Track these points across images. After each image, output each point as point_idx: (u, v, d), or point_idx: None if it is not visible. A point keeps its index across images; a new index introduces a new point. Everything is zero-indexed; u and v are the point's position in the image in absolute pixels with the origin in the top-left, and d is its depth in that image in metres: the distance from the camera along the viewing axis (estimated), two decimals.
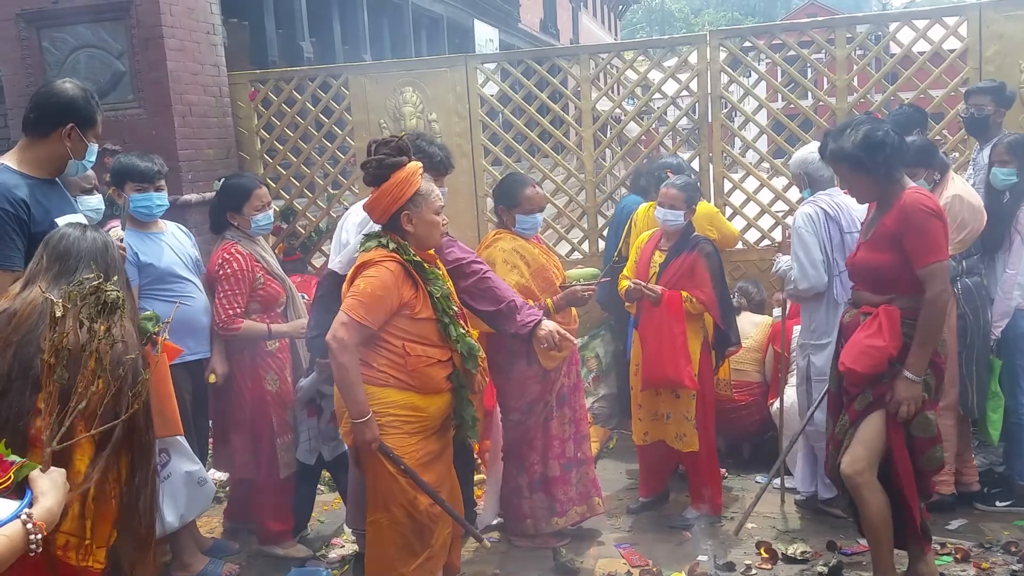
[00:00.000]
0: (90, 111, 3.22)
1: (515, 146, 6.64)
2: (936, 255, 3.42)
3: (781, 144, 6.17)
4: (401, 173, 3.37)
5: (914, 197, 3.49)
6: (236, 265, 4.32)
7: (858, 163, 3.51)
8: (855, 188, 3.67)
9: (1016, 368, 4.51)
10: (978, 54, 5.60)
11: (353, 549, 4.62)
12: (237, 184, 4.50)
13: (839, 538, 4.41)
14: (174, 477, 4.02)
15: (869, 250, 3.62)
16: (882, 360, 3.47)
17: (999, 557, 4.13)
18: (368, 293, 3.30)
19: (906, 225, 3.45)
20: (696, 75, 6.12)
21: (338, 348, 3.27)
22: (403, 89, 6.44)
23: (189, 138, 6.21)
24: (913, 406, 3.45)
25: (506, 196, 4.46)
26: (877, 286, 3.59)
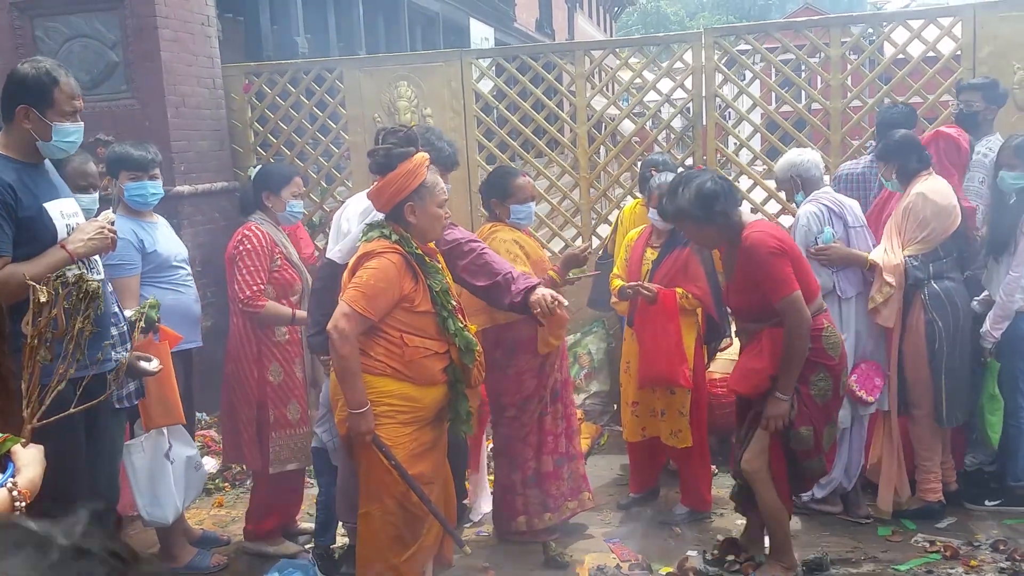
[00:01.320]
0: (43, 91, 3.14)
1: (509, 142, 6.63)
2: (785, 289, 3.66)
3: (775, 143, 6.18)
4: (408, 164, 3.37)
5: (753, 238, 3.73)
6: (256, 241, 4.27)
7: (699, 218, 3.74)
8: (702, 239, 3.93)
9: (1016, 371, 4.48)
10: (972, 55, 5.61)
11: (343, 542, 4.61)
12: (280, 168, 4.63)
13: (825, 535, 4.42)
14: (177, 463, 4.11)
15: (737, 292, 3.91)
16: (763, 380, 3.78)
17: (987, 555, 4.14)
18: (370, 285, 3.29)
19: (753, 267, 3.72)
20: (691, 73, 6.12)
21: (339, 339, 3.26)
22: (398, 83, 6.43)
23: (182, 129, 6.18)
24: (780, 421, 3.74)
25: (498, 189, 4.46)
26: (758, 318, 3.84)
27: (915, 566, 4.08)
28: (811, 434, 3.80)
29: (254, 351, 4.31)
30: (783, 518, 3.97)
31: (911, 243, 4.38)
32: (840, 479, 4.59)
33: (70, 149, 3.30)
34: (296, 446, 4.44)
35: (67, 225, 3.21)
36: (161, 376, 3.76)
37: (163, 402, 3.96)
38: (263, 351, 4.32)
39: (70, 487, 2.51)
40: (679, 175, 3.96)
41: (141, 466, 4.03)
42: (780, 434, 3.81)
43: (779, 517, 3.95)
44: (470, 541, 4.49)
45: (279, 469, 4.44)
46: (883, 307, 4.37)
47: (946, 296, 4.40)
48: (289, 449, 4.42)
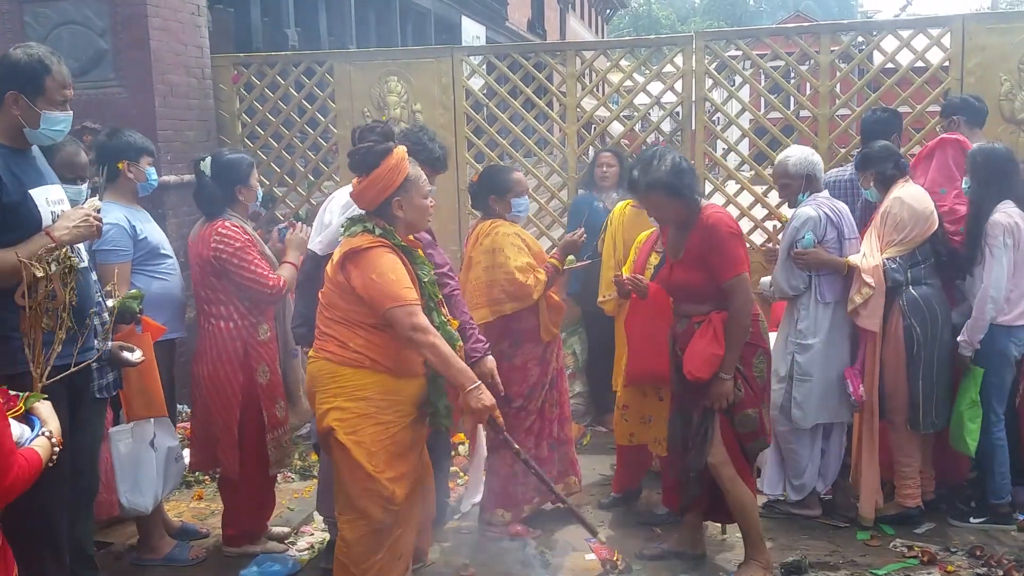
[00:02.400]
0: (34, 78, 3.10)
1: (499, 140, 6.63)
2: (736, 269, 3.79)
3: (763, 148, 6.20)
4: (391, 160, 3.34)
5: (716, 217, 3.85)
6: (240, 237, 4.11)
7: (673, 189, 3.80)
8: (666, 212, 3.94)
9: (990, 385, 4.48)
10: (960, 66, 5.65)
11: (323, 537, 4.60)
12: (239, 158, 4.32)
13: (804, 538, 4.44)
14: (159, 453, 4.10)
15: (685, 270, 3.93)
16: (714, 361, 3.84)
17: (964, 561, 4.17)
18: (393, 280, 3.27)
19: (709, 243, 3.80)
20: (681, 77, 6.14)
21: (422, 335, 3.25)
22: (388, 78, 6.42)
23: (169, 119, 6.15)
24: (725, 400, 3.83)
25: (498, 185, 4.47)
26: (699, 299, 3.93)
27: (893, 570, 4.11)
28: (756, 415, 3.93)
29: (239, 354, 4.17)
30: (755, 513, 4.02)
31: (889, 245, 4.41)
32: (815, 483, 4.62)
33: (57, 137, 3.27)
34: (285, 444, 4.41)
35: (52, 212, 3.17)
36: (143, 368, 3.73)
37: (145, 394, 3.93)
38: (250, 352, 4.19)
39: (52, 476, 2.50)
40: (650, 150, 4.03)
41: (126, 453, 4.01)
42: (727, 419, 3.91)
43: (751, 512, 3.99)
44: (451, 539, 4.50)
45: (278, 470, 4.42)
46: (863, 309, 4.37)
47: (924, 301, 4.41)
48: (281, 448, 4.37)
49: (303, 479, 5.41)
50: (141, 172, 4.25)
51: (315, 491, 4.71)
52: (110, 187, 4.25)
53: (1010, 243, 4.34)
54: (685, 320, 4.01)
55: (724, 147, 6.68)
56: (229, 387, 4.17)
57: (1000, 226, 4.33)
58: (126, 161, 4.22)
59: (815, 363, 4.46)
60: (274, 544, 4.47)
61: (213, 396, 4.19)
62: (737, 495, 3.94)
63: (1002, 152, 4.45)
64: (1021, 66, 5.54)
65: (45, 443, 2.29)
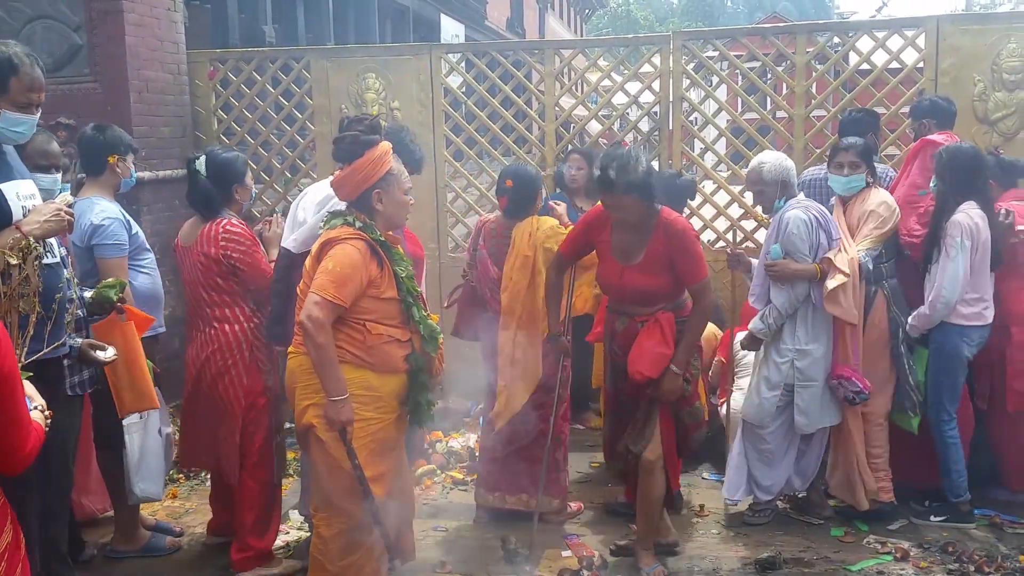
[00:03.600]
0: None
1: (477, 138, 6.62)
2: (703, 271, 3.91)
3: (740, 148, 6.23)
4: (375, 151, 3.36)
5: (679, 220, 3.93)
6: (247, 235, 4.05)
7: (649, 192, 3.79)
8: (633, 214, 3.88)
9: (942, 386, 4.53)
10: (935, 66, 5.70)
11: (298, 535, 4.58)
12: (235, 156, 4.22)
13: (779, 535, 4.47)
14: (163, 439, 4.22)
15: (642, 274, 3.93)
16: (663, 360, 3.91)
17: (937, 557, 4.21)
18: (338, 272, 3.26)
19: (678, 246, 3.86)
20: (658, 76, 6.16)
21: (314, 328, 3.22)
22: (366, 75, 6.39)
23: (144, 115, 6.09)
24: (676, 394, 3.93)
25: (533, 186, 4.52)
26: (650, 302, 3.97)
27: (866, 566, 4.14)
28: (701, 408, 4.13)
29: (245, 358, 4.04)
30: (660, 508, 4.17)
31: (864, 238, 4.44)
32: (782, 484, 4.64)
33: (17, 139, 3.23)
34: (285, 448, 4.39)
35: (23, 207, 3.14)
36: (131, 361, 3.66)
37: (135, 388, 3.81)
38: (256, 354, 4.07)
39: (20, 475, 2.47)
40: (619, 149, 3.98)
41: (138, 444, 4.08)
42: (673, 413, 4.02)
43: (658, 507, 4.15)
44: (428, 537, 4.49)
45: (282, 474, 4.34)
46: (843, 302, 4.32)
47: (903, 293, 4.55)
48: (282, 452, 4.32)
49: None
50: (127, 168, 4.26)
51: (291, 489, 4.69)
52: (93, 180, 4.25)
53: (968, 245, 4.34)
54: (626, 318, 4.04)
55: (701, 146, 6.71)
56: (234, 393, 4.03)
57: (959, 226, 4.35)
58: (116, 156, 4.22)
59: (819, 368, 4.42)
60: (290, 562, 4.23)
61: (216, 403, 4.04)
62: (657, 489, 4.05)
63: (968, 151, 4.47)
64: (994, 67, 5.60)
65: (40, 416, 2.35)
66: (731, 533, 4.55)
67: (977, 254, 4.39)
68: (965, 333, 4.45)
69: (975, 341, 4.47)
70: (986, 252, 4.40)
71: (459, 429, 5.98)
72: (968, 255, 4.35)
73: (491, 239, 4.57)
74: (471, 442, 5.69)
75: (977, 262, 4.40)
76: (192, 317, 4.19)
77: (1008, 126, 5.62)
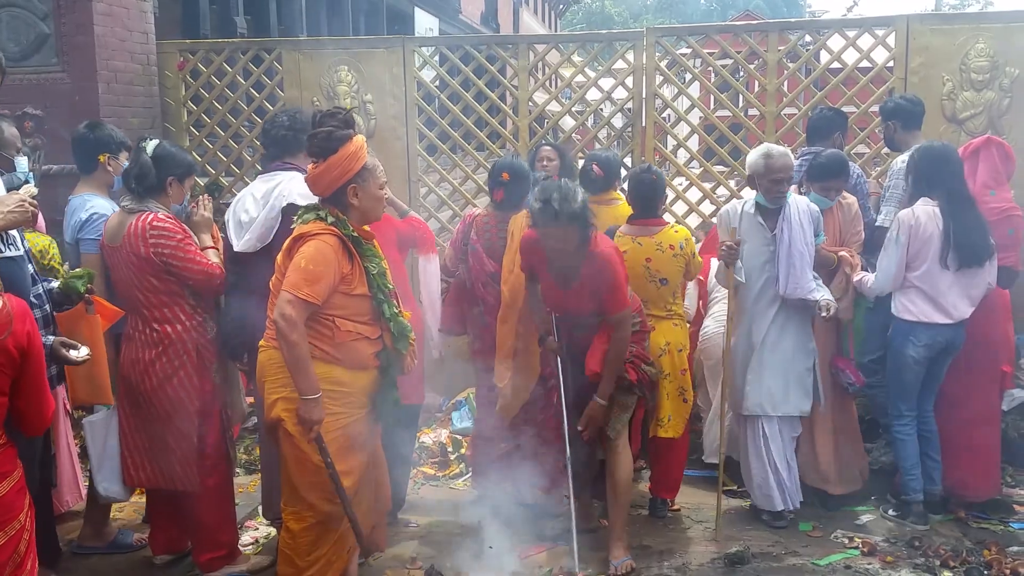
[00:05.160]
0: None
1: (450, 132, 6.60)
2: (624, 304, 3.98)
3: (712, 145, 6.25)
4: (350, 146, 3.33)
5: (604, 252, 3.94)
6: (176, 228, 3.83)
7: (587, 222, 3.87)
8: (572, 243, 3.88)
9: (891, 382, 4.62)
10: (904, 65, 5.75)
11: (268, 531, 4.55)
12: (185, 156, 4.09)
13: (748, 530, 4.50)
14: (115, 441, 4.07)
15: (578, 299, 4.03)
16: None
17: (903, 551, 4.26)
18: (310, 270, 3.23)
19: (602, 278, 3.92)
20: (632, 72, 6.17)
21: (287, 327, 3.19)
22: (338, 68, 6.34)
23: (113, 105, 6.02)
24: (599, 423, 4.10)
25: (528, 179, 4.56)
26: (595, 315, 4.07)
27: (834, 561, 4.18)
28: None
29: (193, 357, 3.89)
30: (630, 493, 4.26)
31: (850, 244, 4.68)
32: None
33: None
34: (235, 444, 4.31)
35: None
36: (92, 353, 3.59)
37: (92, 380, 3.77)
38: (203, 354, 3.93)
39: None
40: (552, 182, 3.98)
41: (100, 442, 4.02)
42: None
43: (628, 491, 4.22)
44: (399, 533, 4.47)
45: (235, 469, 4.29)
46: (844, 301, 4.57)
47: None
48: (234, 448, 4.26)
49: (248, 473, 5.35)
50: (119, 166, 4.22)
51: (259, 486, 4.65)
52: (86, 179, 4.26)
53: (903, 240, 4.42)
54: (579, 328, 4.16)
55: (674, 143, 6.72)
56: (185, 394, 3.89)
57: (898, 222, 4.48)
58: (107, 154, 4.19)
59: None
60: (259, 559, 4.20)
61: (166, 407, 3.88)
62: (619, 466, 4.12)
63: (936, 150, 4.51)
64: (963, 67, 5.66)
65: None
66: (701, 528, 4.58)
67: (916, 249, 4.43)
68: (912, 331, 4.48)
69: (922, 341, 4.46)
70: (929, 248, 4.40)
71: (431, 424, 5.96)
72: (902, 250, 4.43)
73: (484, 233, 4.55)
74: (443, 437, 5.68)
75: (920, 258, 4.44)
76: (127, 317, 3.94)
77: (976, 125, 5.68)
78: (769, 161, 4.36)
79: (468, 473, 5.43)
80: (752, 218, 4.48)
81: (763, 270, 4.46)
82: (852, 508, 4.72)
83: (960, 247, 4.37)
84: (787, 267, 4.37)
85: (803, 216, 4.39)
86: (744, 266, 4.46)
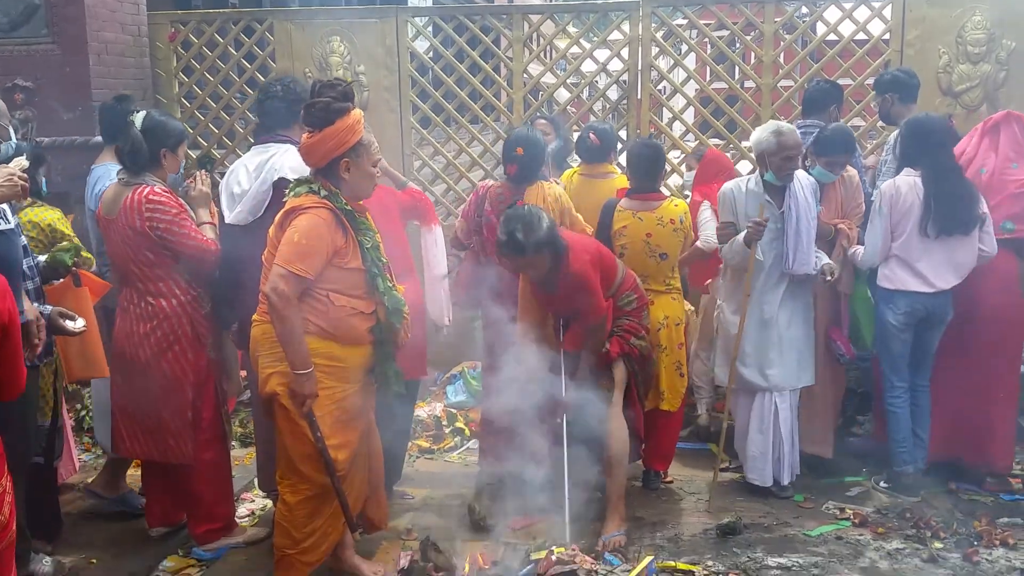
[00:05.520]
0: None
1: (444, 104, 6.55)
2: (600, 313, 4.06)
3: (707, 118, 6.23)
4: (347, 120, 3.31)
5: (577, 267, 3.95)
6: (173, 203, 3.79)
7: (556, 246, 3.91)
8: (543, 268, 3.94)
9: (880, 350, 4.67)
10: (900, 38, 5.72)
11: (264, 503, 4.58)
12: (175, 124, 4.00)
13: (739, 501, 4.54)
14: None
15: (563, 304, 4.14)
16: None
17: (895, 522, 4.30)
18: (303, 244, 3.23)
19: (577, 291, 3.97)
20: (627, 44, 6.12)
21: (279, 301, 3.20)
22: (330, 38, 6.28)
23: (104, 77, 5.96)
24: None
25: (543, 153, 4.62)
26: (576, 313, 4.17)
27: (825, 532, 4.22)
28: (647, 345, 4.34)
29: (188, 332, 3.88)
30: (625, 465, 4.25)
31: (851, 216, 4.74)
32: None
33: None
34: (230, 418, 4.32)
35: None
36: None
37: (85, 355, 3.78)
38: (197, 328, 3.91)
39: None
40: (521, 212, 3.97)
41: (103, 399, 4.18)
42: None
43: (623, 463, 4.21)
44: (395, 505, 4.50)
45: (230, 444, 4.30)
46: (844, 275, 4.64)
47: None
48: (230, 422, 4.26)
49: (244, 446, 5.37)
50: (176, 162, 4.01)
51: (255, 459, 4.67)
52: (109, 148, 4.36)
53: (886, 211, 4.48)
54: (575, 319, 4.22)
55: (669, 116, 6.70)
56: (180, 369, 3.88)
57: (880, 194, 4.55)
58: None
59: None
60: (256, 531, 4.22)
61: (161, 381, 3.87)
62: (614, 437, 4.12)
63: (922, 121, 4.53)
64: (959, 39, 5.62)
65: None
66: (693, 500, 4.61)
67: (897, 219, 4.48)
68: (891, 299, 4.55)
69: (901, 308, 4.52)
70: (909, 218, 4.45)
71: (425, 398, 5.98)
72: (886, 221, 4.49)
73: (499, 205, 4.49)
74: (437, 411, 5.70)
75: (900, 228, 4.49)
76: (124, 292, 3.94)
77: (971, 98, 5.66)
78: (781, 139, 4.34)
79: (463, 446, 5.47)
80: (758, 196, 4.45)
81: (771, 247, 4.44)
82: (843, 479, 4.76)
83: (940, 215, 4.38)
84: (795, 243, 4.39)
85: (807, 191, 4.43)
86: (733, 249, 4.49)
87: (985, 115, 5.59)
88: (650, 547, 4.04)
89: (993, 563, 3.90)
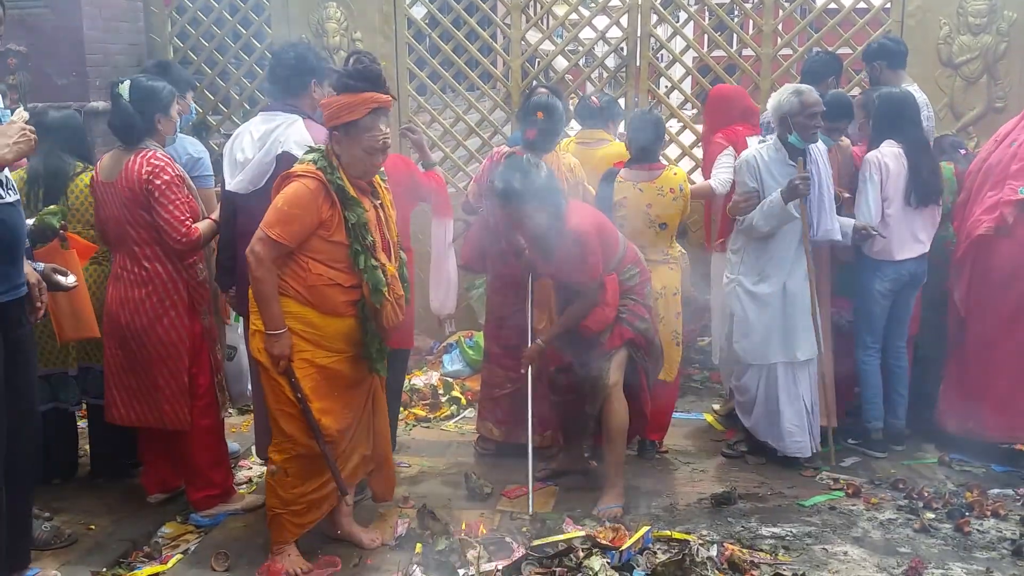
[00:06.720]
0: None
1: (442, 72, 6.50)
2: (593, 277, 3.99)
3: (706, 87, 6.19)
4: (354, 99, 3.34)
5: (585, 229, 3.92)
6: (172, 170, 3.80)
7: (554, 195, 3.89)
8: (536, 223, 3.88)
9: (859, 313, 4.79)
10: (901, 8, 5.68)
11: (262, 470, 4.60)
12: (161, 85, 3.93)
13: (733, 471, 4.58)
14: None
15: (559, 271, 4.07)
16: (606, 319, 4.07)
17: (887, 493, 4.34)
18: (284, 211, 3.29)
19: (573, 252, 3.92)
20: (626, 11, 6.07)
21: (255, 262, 3.30)
22: (327, 4, 6.22)
23: (98, 42, 5.91)
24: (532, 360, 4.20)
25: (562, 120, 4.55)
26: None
27: (819, 502, 4.26)
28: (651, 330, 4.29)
29: (184, 298, 3.89)
30: (624, 440, 4.23)
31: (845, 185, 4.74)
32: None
33: None
34: (225, 386, 4.32)
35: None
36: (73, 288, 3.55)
37: (75, 315, 3.77)
38: (193, 295, 3.93)
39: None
40: (517, 161, 3.94)
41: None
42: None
43: (621, 438, 4.20)
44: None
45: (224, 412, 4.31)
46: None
47: None
48: (223, 391, 4.25)
49: (241, 414, 5.39)
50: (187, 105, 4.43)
51: (252, 426, 4.68)
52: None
53: (876, 178, 4.57)
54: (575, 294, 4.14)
55: (668, 84, 6.66)
56: (176, 334, 3.89)
57: (867, 163, 4.62)
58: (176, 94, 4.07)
59: None
60: (254, 497, 4.23)
61: (156, 347, 3.87)
62: (611, 414, 4.10)
63: (896, 96, 4.66)
64: (960, 10, 5.59)
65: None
66: (688, 470, 4.65)
67: (887, 190, 4.58)
68: (879, 268, 4.67)
69: (889, 276, 4.66)
70: (897, 188, 4.58)
71: (421, 367, 6.00)
72: (877, 187, 4.58)
73: None
74: (434, 380, 5.72)
75: (888, 198, 4.58)
76: (119, 257, 3.93)
77: (971, 70, 5.64)
78: (802, 98, 4.32)
79: (460, 415, 5.50)
80: (780, 162, 4.40)
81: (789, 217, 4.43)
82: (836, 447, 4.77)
83: (921, 185, 4.57)
84: (819, 209, 4.42)
85: (822, 155, 4.48)
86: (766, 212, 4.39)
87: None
88: (646, 516, 4.08)
89: (984, 533, 3.94)
